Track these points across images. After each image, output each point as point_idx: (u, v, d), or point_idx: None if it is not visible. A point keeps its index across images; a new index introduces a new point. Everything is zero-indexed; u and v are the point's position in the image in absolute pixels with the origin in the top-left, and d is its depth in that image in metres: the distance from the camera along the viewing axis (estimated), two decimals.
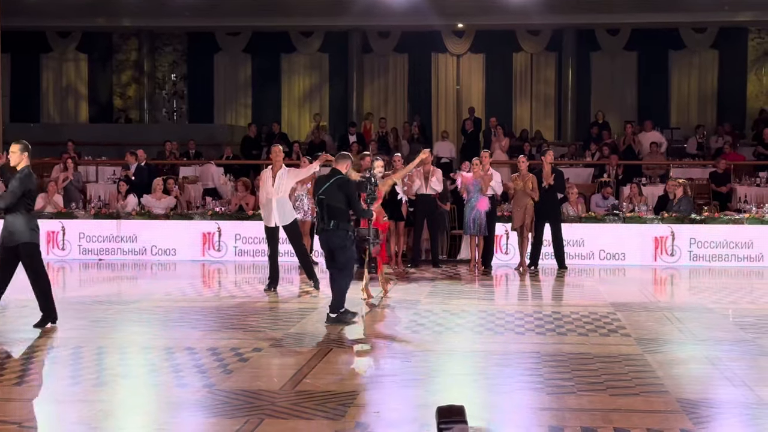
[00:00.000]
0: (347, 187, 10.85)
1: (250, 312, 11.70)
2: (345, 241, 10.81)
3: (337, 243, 10.81)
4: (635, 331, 10.30)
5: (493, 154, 21.76)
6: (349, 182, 10.94)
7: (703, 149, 24.51)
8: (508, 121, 27.59)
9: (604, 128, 24.65)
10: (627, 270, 16.70)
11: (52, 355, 9.16)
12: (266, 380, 7.94)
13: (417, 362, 8.78)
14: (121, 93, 30.25)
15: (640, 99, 28.48)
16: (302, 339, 9.93)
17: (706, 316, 11.51)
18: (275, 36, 28.93)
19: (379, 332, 10.38)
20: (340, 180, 10.83)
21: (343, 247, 10.83)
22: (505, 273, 16.33)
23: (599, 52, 28.55)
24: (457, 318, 11.30)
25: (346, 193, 10.78)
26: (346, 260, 10.90)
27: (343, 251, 10.84)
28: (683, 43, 27.99)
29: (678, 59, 28.47)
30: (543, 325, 10.78)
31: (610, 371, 8.29)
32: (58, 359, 8.93)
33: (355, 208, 11.03)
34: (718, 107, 28.13)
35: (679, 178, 19.48)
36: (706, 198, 20.32)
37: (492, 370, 8.54)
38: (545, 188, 16.12)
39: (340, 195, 10.75)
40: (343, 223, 10.77)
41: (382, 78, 29.45)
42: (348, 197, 10.79)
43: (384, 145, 23.98)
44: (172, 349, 9.25)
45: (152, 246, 17.91)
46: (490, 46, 28.79)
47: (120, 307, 12.06)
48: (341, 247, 10.83)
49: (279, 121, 27.38)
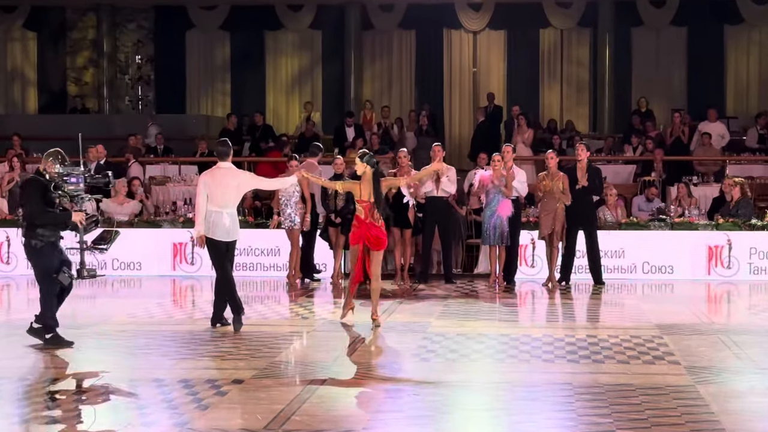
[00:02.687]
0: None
1: (230, 337, 11.70)
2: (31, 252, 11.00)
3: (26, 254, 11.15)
4: (685, 358, 10.28)
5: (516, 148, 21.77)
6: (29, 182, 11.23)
7: (765, 142, 24.49)
8: (533, 109, 27.63)
9: (648, 118, 24.65)
10: (675, 285, 16.70)
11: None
12: (248, 418, 7.94)
13: (426, 396, 8.76)
14: (77, 78, 30.31)
15: (689, 83, 28.49)
16: (291, 368, 9.91)
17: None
18: (258, 10, 28.99)
19: (381, 360, 10.37)
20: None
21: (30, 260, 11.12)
22: (530, 289, 16.32)
23: (641, 27, 28.59)
24: (474, 343, 11.29)
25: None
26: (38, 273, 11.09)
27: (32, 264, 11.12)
28: (740, 17, 28.01)
29: (734, 35, 28.51)
30: (576, 351, 10.77)
31: (655, 405, 8.28)
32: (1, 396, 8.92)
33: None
34: None
35: (737, 176, 19.48)
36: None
37: (515, 404, 8.53)
38: (578, 189, 16.12)
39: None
40: (30, 231, 10.94)
41: (385, 59, 29.50)
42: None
43: (387, 138, 23.99)
44: (136, 382, 9.24)
45: (113, 259, 17.91)
46: (513, 21, 28.83)
47: (75, 332, 12.01)
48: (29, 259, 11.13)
49: (263, 111, 27.42)
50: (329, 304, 15.22)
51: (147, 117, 27.20)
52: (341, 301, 15.11)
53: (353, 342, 11.25)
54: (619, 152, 24.04)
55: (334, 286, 16.27)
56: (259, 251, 17.80)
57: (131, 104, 30.22)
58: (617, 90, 28.37)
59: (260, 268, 17.77)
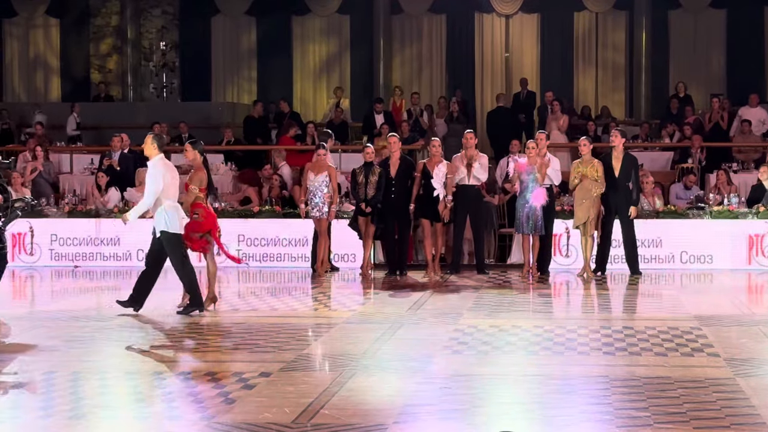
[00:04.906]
0: None
1: (257, 329, 11.74)
2: None
3: None
4: (725, 350, 10.24)
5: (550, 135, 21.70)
6: None
7: None
8: (567, 95, 27.54)
9: (686, 103, 24.51)
10: (715, 275, 16.62)
11: (20, 382, 9.22)
12: (276, 411, 7.96)
13: (458, 389, 8.77)
14: (100, 66, 30.43)
15: (729, 67, 28.33)
16: (319, 361, 9.93)
17: None
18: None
19: (412, 353, 10.38)
20: None
21: None
22: (565, 280, 16.29)
23: (679, 9, 28.44)
24: (507, 335, 11.28)
25: None
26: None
27: None
28: None
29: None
30: (612, 343, 10.73)
31: (694, 399, 8.25)
32: (27, 387, 8.98)
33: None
34: None
35: None
36: None
37: (550, 397, 8.51)
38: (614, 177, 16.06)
39: None
40: None
41: (415, 44, 29.47)
42: None
43: (417, 125, 23.96)
44: (162, 375, 9.30)
45: (138, 250, 17.92)
46: (546, 4, 28.74)
47: (100, 324, 12.12)
48: None
49: (290, 98, 27.49)
50: (358, 295, 15.25)
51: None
52: (371, 292, 15.19)
53: (383, 334, 11.25)
54: (656, 139, 23.93)
55: (364, 277, 16.28)
56: (287, 241, 17.82)
57: (156, 92, 30.27)
58: (654, 75, 28.21)
59: (288, 258, 17.79)
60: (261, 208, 18.16)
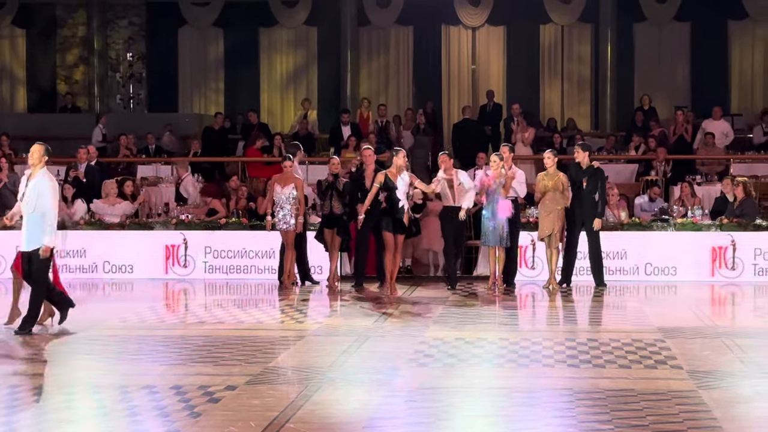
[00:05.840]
0: None
1: (223, 342, 11.72)
2: None
3: None
4: (688, 363, 10.31)
5: (515, 147, 21.78)
6: None
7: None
8: (534, 107, 27.67)
9: (651, 115, 24.67)
10: (678, 287, 16.74)
11: None
12: (241, 425, 7.95)
13: (424, 402, 8.79)
14: (67, 76, 30.29)
15: (693, 80, 28.51)
16: (285, 374, 9.94)
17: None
18: (252, 6, 29.04)
19: (377, 366, 10.39)
20: None
21: None
22: (531, 292, 16.35)
23: (644, 22, 28.60)
24: (473, 348, 11.31)
25: None
26: None
27: None
28: (745, 11, 28.03)
29: (739, 31, 28.52)
30: (577, 355, 10.79)
31: (657, 411, 8.30)
32: None
33: None
34: None
35: (741, 175, 19.51)
36: None
37: (515, 410, 8.55)
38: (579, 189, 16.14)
39: None
40: None
41: (382, 56, 29.50)
42: None
43: (384, 136, 23.98)
44: (127, 388, 9.25)
45: (105, 262, 17.94)
46: (513, 17, 28.84)
47: (65, 337, 12.08)
48: None
49: (257, 110, 27.43)
50: (325, 307, 15.25)
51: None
52: (337, 305, 15.21)
53: (349, 347, 11.27)
54: (621, 151, 24.05)
55: (330, 289, 16.28)
56: (254, 253, 17.81)
57: (122, 103, 30.22)
58: (619, 87, 28.33)
59: (254, 270, 17.79)
60: (227, 220, 18.14)
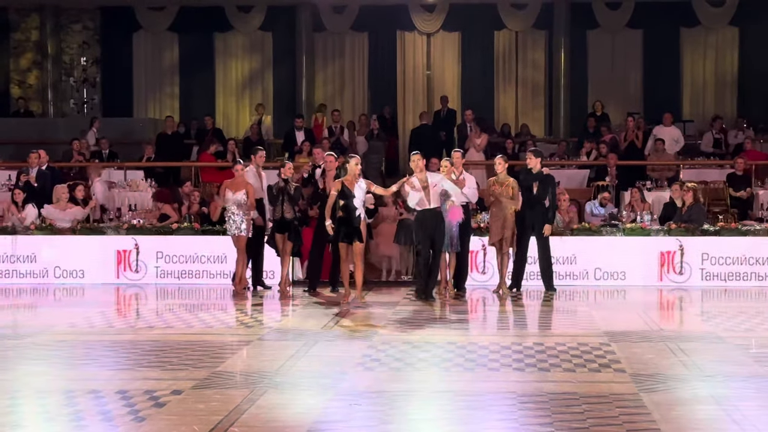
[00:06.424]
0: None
1: (171, 346, 11.72)
2: None
3: None
4: (631, 366, 10.42)
5: (467, 153, 21.91)
6: None
7: (721, 146, 24.75)
8: (488, 112, 27.81)
9: (603, 121, 24.85)
10: (627, 291, 16.89)
11: None
12: (185, 430, 7.97)
13: (368, 405, 8.84)
14: (20, 80, 30.09)
15: (645, 86, 28.75)
16: (232, 379, 9.96)
17: (716, 347, 11.70)
18: (207, 11, 28.97)
19: (324, 370, 10.43)
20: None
21: None
22: (481, 296, 16.44)
23: (597, 29, 28.80)
24: (420, 352, 11.38)
25: None
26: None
27: None
28: (697, 19, 28.31)
29: (691, 38, 28.80)
30: (523, 359, 10.88)
31: (597, 414, 8.39)
32: None
33: None
34: (739, 96, 28.48)
35: (690, 181, 19.68)
36: (723, 205, 20.57)
37: (458, 414, 8.61)
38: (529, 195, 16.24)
39: None
40: None
41: (338, 62, 29.54)
42: None
43: (337, 142, 24.00)
44: (73, 393, 9.24)
45: (55, 267, 17.89)
46: (467, 23, 28.97)
47: (13, 342, 12.03)
48: None
49: (212, 115, 27.40)
50: (276, 312, 15.28)
51: None
52: (288, 309, 15.24)
53: (297, 351, 11.30)
54: (573, 156, 24.20)
55: (282, 294, 16.30)
56: (205, 258, 17.81)
57: (76, 107, 30.06)
58: (573, 93, 28.53)
59: (206, 275, 17.78)
60: (180, 225, 18.13)
